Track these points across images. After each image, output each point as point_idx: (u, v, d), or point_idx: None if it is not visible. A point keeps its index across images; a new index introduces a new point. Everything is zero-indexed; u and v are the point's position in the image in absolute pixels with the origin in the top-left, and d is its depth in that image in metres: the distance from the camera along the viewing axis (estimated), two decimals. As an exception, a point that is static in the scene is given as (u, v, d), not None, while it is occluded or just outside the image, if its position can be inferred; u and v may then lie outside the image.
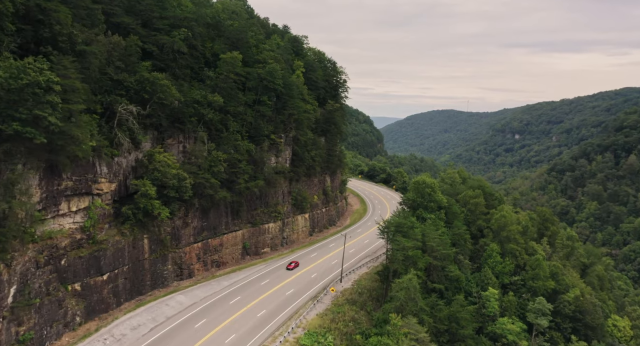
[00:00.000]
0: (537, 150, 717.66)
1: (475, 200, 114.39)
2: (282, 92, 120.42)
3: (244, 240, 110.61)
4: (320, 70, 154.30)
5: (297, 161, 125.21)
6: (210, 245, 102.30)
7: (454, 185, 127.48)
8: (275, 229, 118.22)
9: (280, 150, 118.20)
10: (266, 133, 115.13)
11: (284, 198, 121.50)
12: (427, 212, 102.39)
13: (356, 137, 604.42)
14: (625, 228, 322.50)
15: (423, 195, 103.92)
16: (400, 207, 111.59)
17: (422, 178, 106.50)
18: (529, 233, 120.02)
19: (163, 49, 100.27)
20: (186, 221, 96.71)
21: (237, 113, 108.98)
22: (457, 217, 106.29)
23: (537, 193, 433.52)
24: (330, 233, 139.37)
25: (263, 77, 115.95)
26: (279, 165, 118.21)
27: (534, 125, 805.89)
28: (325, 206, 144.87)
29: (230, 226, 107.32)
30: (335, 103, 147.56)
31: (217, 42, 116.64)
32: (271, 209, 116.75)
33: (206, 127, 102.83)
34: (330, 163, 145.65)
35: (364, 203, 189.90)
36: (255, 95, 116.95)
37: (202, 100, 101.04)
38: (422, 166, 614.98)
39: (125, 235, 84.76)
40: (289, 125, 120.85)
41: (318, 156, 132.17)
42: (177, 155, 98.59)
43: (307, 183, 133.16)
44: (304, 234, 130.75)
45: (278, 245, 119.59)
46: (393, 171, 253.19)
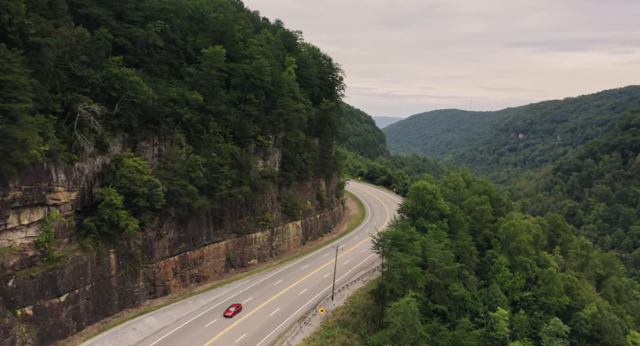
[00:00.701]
0: (542, 150, 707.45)
1: (481, 207, 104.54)
2: (271, 90, 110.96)
3: (227, 251, 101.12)
4: (315, 67, 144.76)
5: (287, 164, 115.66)
6: (188, 258, 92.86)
7: (458, 190, 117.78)
8: (263, 239, 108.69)
9: (269, 152, 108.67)
10: (252, 134, 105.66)
11: (272, 205, 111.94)
12: (428, 221, 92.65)
13: (357, 137, 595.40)
14: (635, 230, 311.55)
15: (423, 202, 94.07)
16: (398, 215, 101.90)
17: (423, 183, 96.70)
18: (540, 243, 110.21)
19: (136, 42, 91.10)
20: (160, 232, 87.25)
21: (220, 112, 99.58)
22: (462, 226, 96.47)
23: (542, 194, 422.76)
24: (325, 242, 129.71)
25: (249, 73, 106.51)
26: (267, 169, 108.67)
27: (537, 124, 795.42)
28: (320, 212, 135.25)
29: (212, 236, 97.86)
30: (330, 102, 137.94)
31: (200, 36, 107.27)
32: (258, 217, 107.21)
33: (184, 128, 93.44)
34: (324, 166, 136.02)
35: (362, 207, 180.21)
36: (241, 93, 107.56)
37: (179, 99, 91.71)
38: (424, 166, 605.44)
39: (88, 250, 75.35)
40: (277, 125, 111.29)
41: (311, 158, 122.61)
42: (151, 160, 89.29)
43: (299, 188, 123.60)
44: (296, 243, 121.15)
45: (266, 256, 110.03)
46: (394, 173, 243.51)
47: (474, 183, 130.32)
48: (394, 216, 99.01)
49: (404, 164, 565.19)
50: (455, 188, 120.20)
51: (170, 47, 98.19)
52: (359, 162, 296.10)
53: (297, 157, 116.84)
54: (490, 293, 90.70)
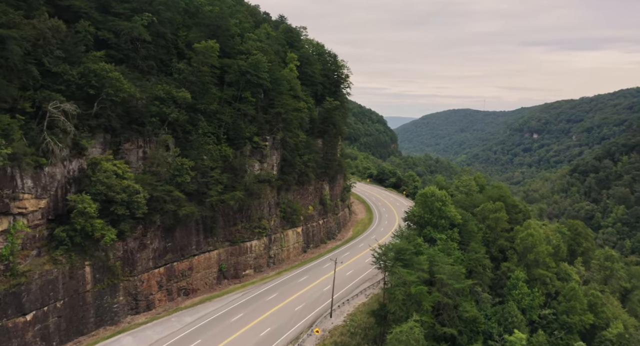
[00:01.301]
0: (557, 150, 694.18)
1: (495, 214, 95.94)
2: (269, 88, 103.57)
3: (220, 261, 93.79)
4: (319, 64, 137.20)
5: (286, 167, 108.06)
6: (175, 269, 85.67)
7: (470, 195, 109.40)
8: (260, 247, 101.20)
9: (265, 155, 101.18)
10: (248, 135, 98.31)
11: (270, 211, 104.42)
12: (436, 231, 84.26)
13: (369, 137, 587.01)
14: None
15: (432, 210, 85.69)
16: (404, 223, 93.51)
17: (431, 189, 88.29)
18: (560, 254, 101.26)
19: (120, 36, 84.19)
20: (144, 242, 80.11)
21: (211, 112, 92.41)
22: (474, 236, 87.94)
23: (559, 196, 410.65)
24: (328, 249, 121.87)
25: (244, 70, 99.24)
26: (263, 173, 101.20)
27: (552, 124, 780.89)
28: (323, 217, 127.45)
29: (203, 246, 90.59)
30: (334, 101, 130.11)
31: (194, 31, 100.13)
32: (254, 224, 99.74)
33: (171, 129, 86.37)
34: (328, 169, 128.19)
35: (370, 211, 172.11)
36: (236, 91, 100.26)
37: (166, 97, 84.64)
38: (437, 167, 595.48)
39: (60, 263, 68.40)
40: (275, 125, 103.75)
41: (312, 161, 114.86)
42: (135, 163, 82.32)
43: (299, 193, 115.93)
44: (296, 251, 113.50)
45: (263, 265, 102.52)
46: (404, 175, 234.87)
47: (487, 187, 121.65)
48: (399, 225, 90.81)
49: (416, 165, 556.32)
50: (467, 193, 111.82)
51: (159, 42, 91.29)
52: (369, 163, 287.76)
53: (297, 159, 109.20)
54: (506, 312, 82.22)
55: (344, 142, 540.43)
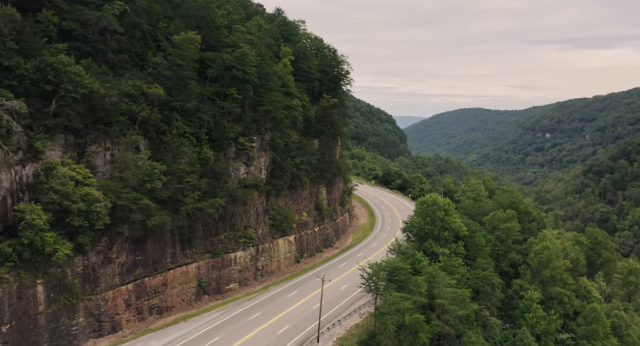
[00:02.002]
0: (570, 149, 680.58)
1: (506, 225, 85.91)
2: (257, 84, 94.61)
3: (199, 275, 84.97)
4: (316, 59, 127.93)
5: (276, 170, 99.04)
6: (147, 285, 76.97)
7: (479, 201, 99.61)
8: (245, 259, 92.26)
9: (252, 157, 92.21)
10: (232, 135, 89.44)
11: (258, 219, 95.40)
12: (438, 245, 74.49)
13: (377, 137, 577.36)
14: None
15: (433, 220, 75.83)
16: (403, 235, 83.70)
17: (432, 196, 78.45)
18: (579, 269, 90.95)
19: (87, 27, 75.68)
20: (108, 256, 71.47)
21: (190, 110, 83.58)
22: (482, 250, 77.93)
23: (572, 197, 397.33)
24: (324, 259, 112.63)
25: (229, 63, 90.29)
26: (250, 177, 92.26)
27: (565, 123, 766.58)
28: (319, 224, 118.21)
29: (179, 258, 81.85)
30: (332, 98, 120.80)
31: (176, 22, 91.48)
32: (239, 233, 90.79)
33: (143, 129, 77.79)
34: (325, 172, 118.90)
35: (372, 215, 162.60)
36: (220, 88, 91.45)
37: (135, 93, 76.00)
38: (447, 167, 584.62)
39: (6, 282, 60.04)
40: (264, 125, 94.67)
41: (306, 163, 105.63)
42: (103, 167, 73.92)
43: (292, 198, 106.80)
44: (288, 262, 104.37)
45: (249, 279, 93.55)
46: (410, 176, 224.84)
47: (497, 193, 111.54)
48: (395, 238, 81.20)
49: (425, 165, 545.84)
50: (475, 199, 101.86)
51: (134, 34, 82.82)
52: (375, 164, 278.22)
53: (289, 162, 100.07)
54: (518, 340, 72.40)
55: (351, 142, 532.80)
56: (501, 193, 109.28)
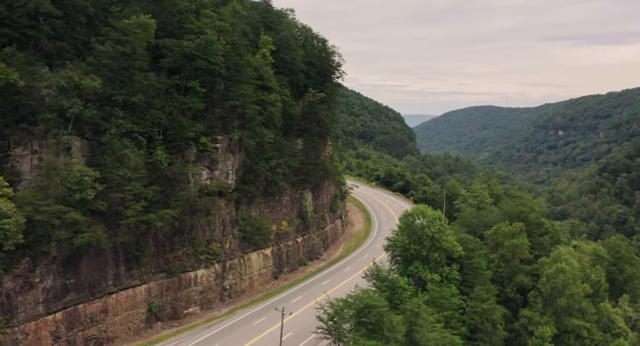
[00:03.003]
0: (584, 147, 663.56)
1: (513, 241, 72.34)
2: (222, 75, 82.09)
3: (150, 299, 72.56)
4: (302, 50, 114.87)
5: (248, 175, 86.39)
6: (81, 313, 64.68)
7: (482, 210, 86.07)
8: (209, 278, 79.72)
9: (216, 160, 79.59)
10: (192, 135, 76.88)
11: (224, 231, 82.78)
12: (427, 269, 60.91)
13: (385, 135, 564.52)
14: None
15: (420, 238, 62.43)
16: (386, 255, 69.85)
17: (420, 209, 64.80)
18: (601, 294, 76.83)
19: (14, 9, 63.78)
20: (29, 280, 59.24)
21: (139, 106, 71.19)
22: (481, 275, 64.27)
23: (587, 198, 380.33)
24: (307, 274, 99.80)
25: (189, 52, 77.83)
26: (214, 183, 79.68)
27: (578, 120, 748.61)
28: (303, 234, 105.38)
29: (124, 280, 69.47)
30: (318, 93, 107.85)
31: (131, 6, 79.18)
32: (201, 249, 78.24)
33: (78, 128, 65.63)
34: (309, 175, 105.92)
35: (369, 221, 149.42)
36: (179, 80, 79.08)
37: (67, 86, 63.84)
38: (456, 166, 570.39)
39: None
40: (231, 122, 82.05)
41: (284, 166, 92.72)
42: (29, 174, 61.86)
43: (268, 206, 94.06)
44: (263, 279, 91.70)
45: (214, 300, 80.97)
46: (414, 177, 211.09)
47: (505, 200, 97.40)
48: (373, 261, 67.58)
49: (434, 164, 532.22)
50: (478, 207, 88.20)
51: (77, 19, 70.65)
52: (378, 164, 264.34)
53: (262, 165, 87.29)
54: (526, 392, 59.16)
55: (357, 140, 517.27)
56: (508, 200, 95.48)
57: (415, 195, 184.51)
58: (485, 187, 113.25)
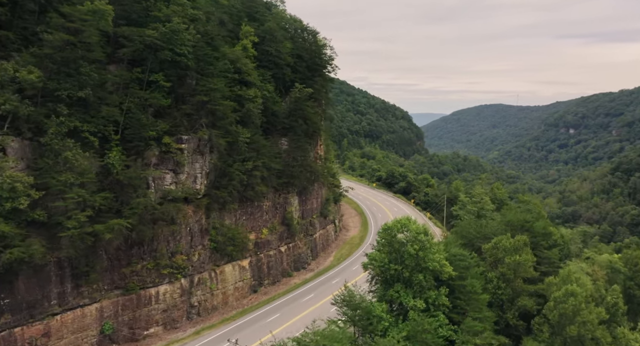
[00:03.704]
0: (595, 146, 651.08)
1: (515, 258, 62.63)
2: (189, 67, 73.71)
3: (102, 319, 64.25)
4: (289, 43, 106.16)
5: (221, 178, 77.85)
6: (18, 337, 56.43)
7: (482, 218, 76.59)
8: (173, 294, 71.26)
9: (181, 162, 71.09)
10: (153, 134, 68.51)
11: (192, 242, 74.31)
12: (409, 294, 51.30)
13: (392, 134, 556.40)
14: None
15: (402, 256, 53.02)
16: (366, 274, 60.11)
17: (401, 222, 54.93)
18: (618, 318, 66.81)
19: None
20: (-51, 304, 51.21)
21: (91, 102, 63.02)
22: (475, 301, 54.78)
23: (599, 198, 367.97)
24: (290, 287, 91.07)
25: (150, 42, 69.55)
26: (179, 188, 71.26)
27: (590, 118, 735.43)
28: (287, 242, 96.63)
29: (70, 299, 61.21)
30: (305, 88, 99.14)
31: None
32: (163, 262, 69.79)
33: (15, 127, 57.60)
34: (295, 178, 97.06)
35: (366, 225, 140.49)
36: (141, 73, 70.78)
37: (1, 79, 55.83)
38: (465, 165, 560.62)
39: None
40: (198, 120, 73.56)
41: (262, 168, 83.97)
42: (-44, 178, 53.69)
43: (245, 212, 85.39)
44: (240, 293, 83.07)
45: (180, 319, 72.49)
46: (417, 178, 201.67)
47: (508, 206, 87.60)
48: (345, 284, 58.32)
49: (442, 163, 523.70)
50: (478, 214, 78.81)
51: (26, 6, 63.00)
52: (380, 164, 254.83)
53: (236, 167, 78.65)
54: None
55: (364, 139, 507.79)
56: (513, 204, 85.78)
57: (417, 198, 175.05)
58: (487, 190, 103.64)
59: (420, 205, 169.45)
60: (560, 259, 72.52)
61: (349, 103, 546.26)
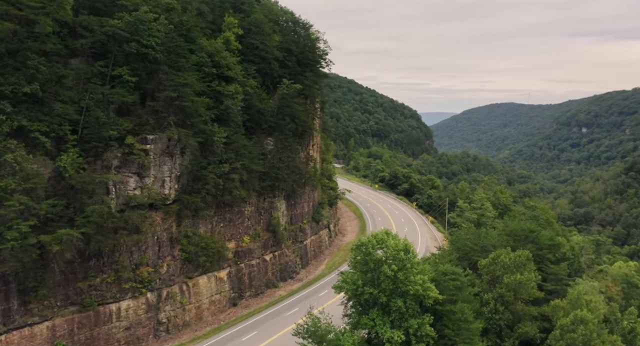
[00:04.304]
0: (608, 145, 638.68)
1: (516, 276, 54.54)
2: (158, 60, 67.07)
3: (55, 338, 57.78)
4: (278, 36, 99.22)
5: (193, 182, 71.13)
6: (-49, 365, 50.32)
7: (481, 227, 68.82)
8: (137, 310, 64.68)
9: (146, 165, 64.43)
10: (115, 134, 62.00)
11: (160, 252, 67.63)
12: (387, 322, 43.12)
13: (400, 133, 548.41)
14: None
15: (378, 278, 44.90)
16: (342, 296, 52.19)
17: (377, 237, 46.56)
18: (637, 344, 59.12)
19: None
20: None
21: (41, 99, 56.62)
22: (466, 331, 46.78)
23: (613, 200, 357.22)
24: (275, 299, 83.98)
25: (114, 32, 63.09)
26: (145, 193, 64.65)
27: (603, 117, 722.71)
28: (273, 250, 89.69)
29: (17, 316, 54.76)
30: (293, 84, 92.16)
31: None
32: (126, 275, 63.19)
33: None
34: (280, 181, 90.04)
35: (364, 230, 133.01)
36: (104, 67, 64.36)
37: None
38: (475, 165, 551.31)
39: None
40: (166, 118, 66.86)
41: (242, 170, 77.02)
42: None
43: (223, 218, 78.48)
44: (217, 307, 76.28)
45: (146, 337, 65.86)
46: (422, 179, 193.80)
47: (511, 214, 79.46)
48: (309, 310, 50.97)
49: (451, 163, 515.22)
50: (478, 223, 71.09)
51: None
52: (384, 164, 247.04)
53: (211, 169, 71.83)
54: None
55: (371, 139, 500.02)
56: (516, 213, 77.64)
57: (420, 200, 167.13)
58: (490, 195, 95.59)
59: (423, 207, 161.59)
60: (570, 275, 64.31)
61: (357, 103, 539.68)
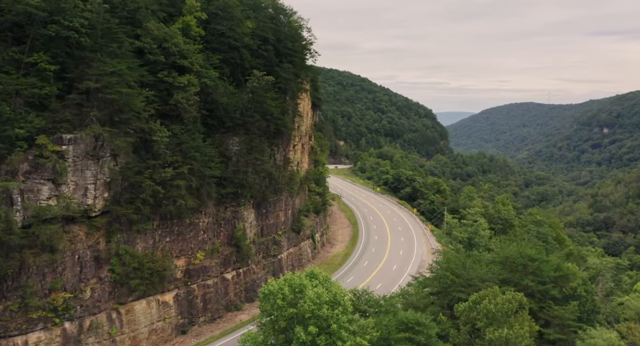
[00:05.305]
0: (631, 146, 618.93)
1: (502, 332, 40.58)
2: (84, 45, 56.09)
3: None
4: (251, 22, 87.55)
5: (127, 190, 59.86)
6: None
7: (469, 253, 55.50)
8: (51, 344, 53.57)
9: (61, 171, 53.28)
10: (24, 133, 51.11)
11: (82, 274, 56.45)
12: None
13: (414, 133, 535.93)
14: None
15: (290, 343, 32.28)
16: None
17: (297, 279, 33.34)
18: None
19: None
20: None
21: None
22: None
23: (635, 204, 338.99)
24: (236, 325, 72.17)
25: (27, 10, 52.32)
26: (62, 204, 53.57)
27: (625, 117, 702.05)
28: (237, 267, 77.83)
29: None
30: (264, 75, 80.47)
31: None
32: (33, 303, 52.10)
33: None
34: (245, 188, 78.17)
35: (355, 239, 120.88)
36: (20, 54, 53.73)
37: None
38: (491, 166, 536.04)
39: None
40: (88, 113, 55.66)
41: (190, 176, 65.38)
42: None
43: (170, 232, 66.96)
44: (159, 337, 64.85)
45: (61, 377, 54.87)
46: (424, 183, 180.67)
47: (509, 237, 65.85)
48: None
49: (466, 164, 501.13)
50: (470, 243, 57.97)
51: None
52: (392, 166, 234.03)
53: (148, 175, 60.44)
54: None
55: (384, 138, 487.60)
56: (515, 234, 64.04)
57: (422, 206, 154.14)
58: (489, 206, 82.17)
59: (424, 214, 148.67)
60: (580, 318, 50.18)
61: (369, 101, 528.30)
